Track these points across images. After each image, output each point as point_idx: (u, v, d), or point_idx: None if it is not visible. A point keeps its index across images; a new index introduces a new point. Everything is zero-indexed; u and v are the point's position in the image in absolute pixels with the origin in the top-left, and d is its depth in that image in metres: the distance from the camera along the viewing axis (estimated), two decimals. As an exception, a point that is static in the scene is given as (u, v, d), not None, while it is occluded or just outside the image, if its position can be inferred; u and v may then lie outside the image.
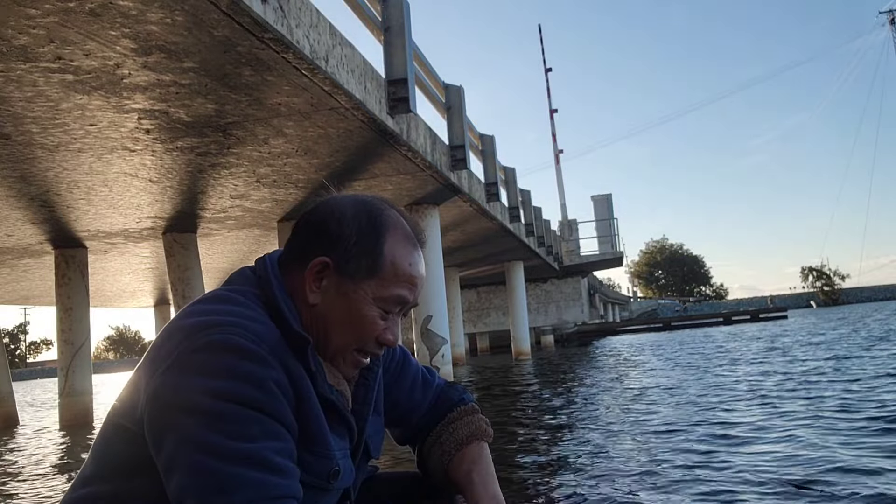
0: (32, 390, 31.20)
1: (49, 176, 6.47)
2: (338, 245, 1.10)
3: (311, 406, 1.05)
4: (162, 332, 1.07)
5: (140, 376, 1.04)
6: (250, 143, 6.03)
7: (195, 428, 0.94)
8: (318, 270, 1.10)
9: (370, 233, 1.11)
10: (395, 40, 6.19)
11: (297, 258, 1.13)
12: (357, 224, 1.11)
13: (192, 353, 0.98)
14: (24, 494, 4.55)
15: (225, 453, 0.93)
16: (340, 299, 1.10)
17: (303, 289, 1.11)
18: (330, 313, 1.11)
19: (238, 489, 0.92)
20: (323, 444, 1.08)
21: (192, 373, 0.96)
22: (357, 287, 1.10)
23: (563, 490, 3.31)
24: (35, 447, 7.38)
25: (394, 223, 1.13)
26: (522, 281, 18.59)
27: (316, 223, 1.13)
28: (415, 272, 1.13)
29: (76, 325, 9.99)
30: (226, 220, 9.20)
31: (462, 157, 8.51)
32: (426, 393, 1.36)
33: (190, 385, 0.95)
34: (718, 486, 3.11)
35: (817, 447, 3.73)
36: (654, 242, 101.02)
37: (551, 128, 30.56)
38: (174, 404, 0.95)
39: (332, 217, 1.12)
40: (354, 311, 1.10)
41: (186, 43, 4.08)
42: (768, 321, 29.44)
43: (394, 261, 1.11)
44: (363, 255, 1.10)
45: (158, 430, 0.96)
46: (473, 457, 1.27)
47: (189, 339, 0.99)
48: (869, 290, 73.34)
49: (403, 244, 1.13)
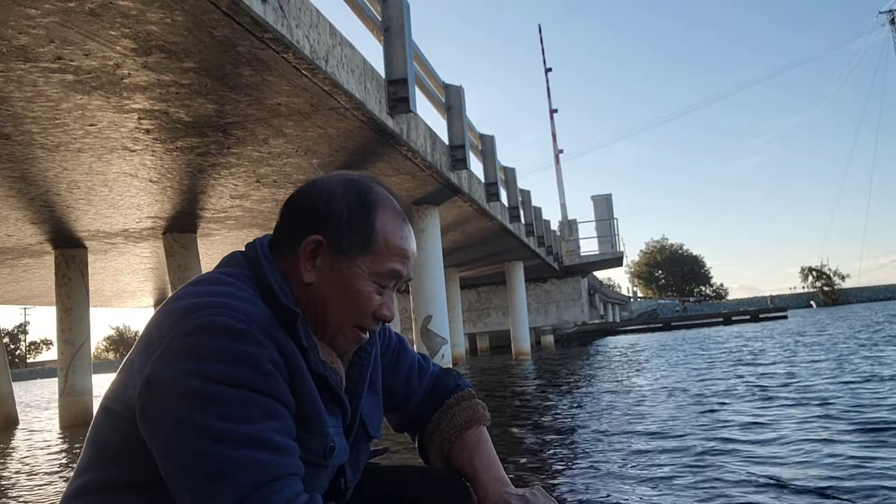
0: (32, 390, 31.19)
1: (49, 176, 6.47)
2: (329, 223, 1.11)
3: (304, 382, 1.05)
4: (155, 315, 1.06)
5: (133, 361, 1.03)
6: (250, 143, 6.03)
7: (192, 413, 0.93)
8: (311, 249, 1.11)
9: (361, 209, 1.12)
10: (395, 40, 6.19)
11: (287, 240, 1.13)
12: (347, 201, 1.12)
13: (184, 336, 0.97)
14: (24, 494, 4.55)
15: (225, 437, 0.93)
16: (336, 276, 1.11)
17: (296, 269, 1.11)
18: (326, 291, 1.11)
19: (241, 471, 0.92)
20: (318, 420, 1.08)
21: (184, 357, 0.96)
22: (351, 263, 1.11)
23: (564, 491, 3.31)
24: (35, 447, 7.38)
25: (383, 199, 1.15)
26: (522, 281, 18.59)
27: (305, 204, 1.14)
28: (406, 246, 1.15)
29: (76, 325, 9.99)
30: (226, 220, 9.20)
31: (462, 157, 8.50)
32: (422, 380, 1.37)
33: (184, 370, 0.95)
34: (720, 486, 3.11)
35: (834, 445, 3.73)
36: (654, 242, 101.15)
37: (551, 128, 30.62)
38: (169, 390, 0.95)
39: (320, 197, 1.13)
40: (350, 287, 1.11)
41: (186, 43, 4.08)
42: (768, 321, 29.44)
43: (386, 235, 1.12)
44: (356, 232, 1.11)
45: (153, 416, 0.96)
46: (473, 442, 1.29)
47: (180, 323, 0.99)
48: (869, 290, 73.35)
49: (394, 219, 1.14)
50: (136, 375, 1.00)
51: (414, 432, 1.39)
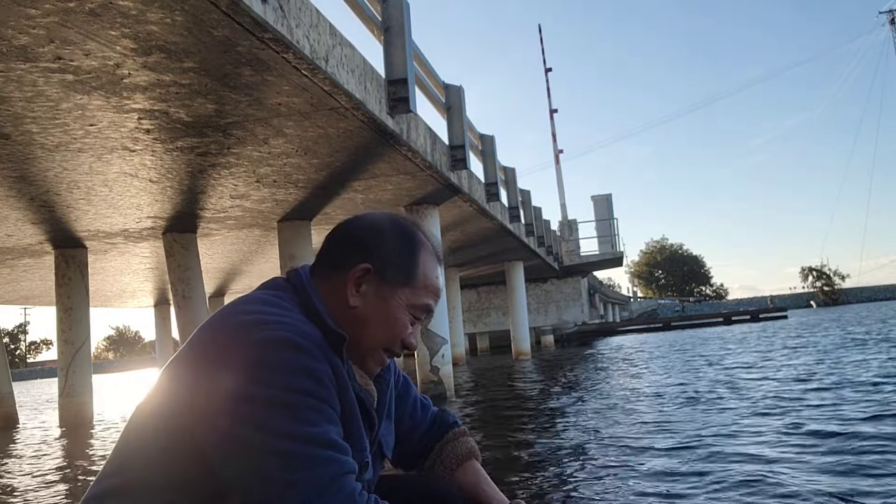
0: (32, 390, 31.19)
1: (49, 176, 6.47)
2: (378, 254, 1.23)
3: (349, 400, 1.16)
4: (205, 329, 1.15)
5: (182, 372, 1.12)
6: (250, 143, 6.03)
7: (267, 417, 1.03)
8: (359, 276, 1.22)
9: (407, 246, 1.26)
10: (395, 40, 6.19)
11: (334, 265, 1.25)
12: (395, 237, 1.26)
13: (251, 348, 1.06)
14: (25, 494, 4.55)
15: (299, 437, 1.03)
16: (379, 302, 1.23)
17: (340, 292, 1.23)
18: (367, 315, 1.22)
19: (319, 467, 1.03)
20: (358, 436, 1.18)
21: (255, 367, 1.05)
22: (394, 293, 1.23)
23: (564, 492, 3.31)
24: (35, 447, 7.38)
25: (423, 241, 1.29)
26: (522, 281, 18.58)
27: (357, 234, 1.27)
28: (439, 285, 1.30)
29: (76, 325, 9.99)
30: (226, 220, 9.20)
31: (462, 157, 8.50)
32: (425, 414, 1.51)
33: (255, 377, 1.04)
34: (723, 488, 3.11)
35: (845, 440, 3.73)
36: (654, 242, 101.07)
37: (551, 128, 30.60)
38: (241, 396, 1.03)
39: (371, 230, 1.26)
40: (390, 314, 1.23)
41: (186, 43, 4.08)
42: (768, 321, 29.43)
43: (425, 272, 1.26)
44: (401, 266, 1.24)
45: (224, 421, 1.04)
46: (474, 470, 1.46)
47: (243, 336, 1.08)
48: (869, 290, 73.33)
49: (432, 259, 1.29)
50: (193, 386, 1.08)
51: (414, 462, 1.50)
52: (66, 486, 4.78)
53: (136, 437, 1.15)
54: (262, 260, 13.18)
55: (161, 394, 1.15)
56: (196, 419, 1.07)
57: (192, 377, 1.09)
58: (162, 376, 1.17)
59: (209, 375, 1.07)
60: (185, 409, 1.08)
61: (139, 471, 1.11)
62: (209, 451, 1.06)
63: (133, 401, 14.02)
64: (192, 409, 1.07)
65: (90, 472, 5.30)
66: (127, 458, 1.14)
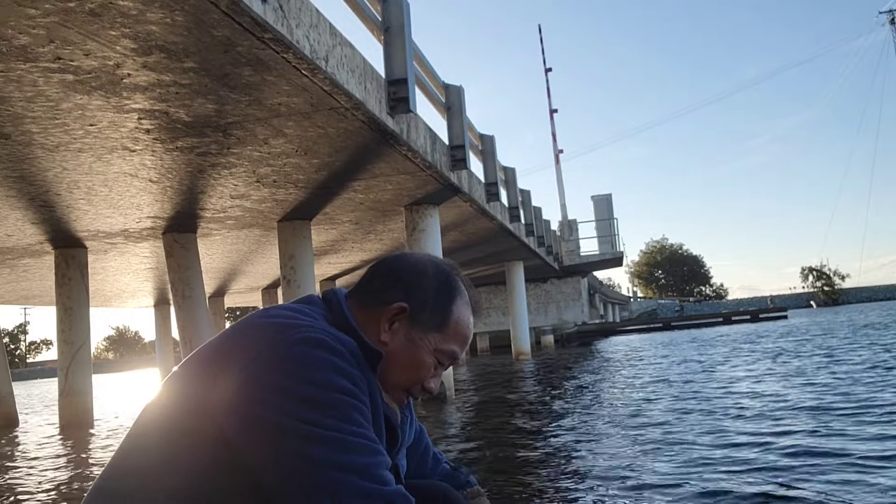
0: (32, 390, 31.18)
1: (49, 176, 6.47)
2: (416, 296, 1.24)
3: (377, 410, 1.16)
4: (235, 329, 1.16)
5: (210, 371, 1.11)
6: (250, 143, 6.03)
7: (308, 413, 1.03)
8: (395, 313, 1.23)
9: (445, 292, 1.27)
10: (395, 40, 6.19)
11: (372, 297, 1.27)
12: (436, 282, 1.27)
13: (289, 347, 1.07)
14: (25, 494, 4.55)
15: (344, 430, 1.04)
16: (407, 343, 1.24)
17: (371, 324, 1.24)
18: (395, 353, 1.23)
19: (367, 453, 1.05)
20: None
21: (294, 365, 1.05)
22: (424, 336, 1.24)
23: (564, 493, 3.31)
24: (35, 447, 7.38)
25: (461, 289, 1.30)
26: (522, 281, 18.58)
27: (399, 272, 1.28)
28: (469, 334, 1.30)
29: (76, 325, 9.99)
30: (226, 220, 9.20)
31: (462, 157, 8.50)
32: (436, 466, 1.50)
33: (295, 374, 1.05)
34: (723, 488, 3.11)
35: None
36: (654, 242, 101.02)
37: (551, 128, 30.59)
38: (283, 391, 1.04)
39: (413, 270, 1.28)
40: (416, 356, 1.24)
41: (186, 43, 4.08)
42: (768, 321, 29.44)
43: (458, 320, 1.27)
44: (436, 311, 1.25)
45: (260, 414, 1.03)
46: None
47: (279, 336, 1.09)
48: (869, 290, 73.34)
49: (466, 308, 1.29)
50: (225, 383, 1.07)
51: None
52: (65, 486, 4.78)
53: (149, 437, 1.13)
54: (262, 260, 13.18)
55: (175, 393, 1.13)
56: (225, 414, 1.05)
57: (220, 377, 1.08)
58: (178, 375, 1.15)
59: (244, 374, 1.06)
60: (209, 408, 1.06)
61: (147, 474, 1.09)
62: (245, 448, 1.05)
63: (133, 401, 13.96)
64: (221, 406, 1.06)
65: (90, 472, 5.30)
66: (135, 459, 1.12)
